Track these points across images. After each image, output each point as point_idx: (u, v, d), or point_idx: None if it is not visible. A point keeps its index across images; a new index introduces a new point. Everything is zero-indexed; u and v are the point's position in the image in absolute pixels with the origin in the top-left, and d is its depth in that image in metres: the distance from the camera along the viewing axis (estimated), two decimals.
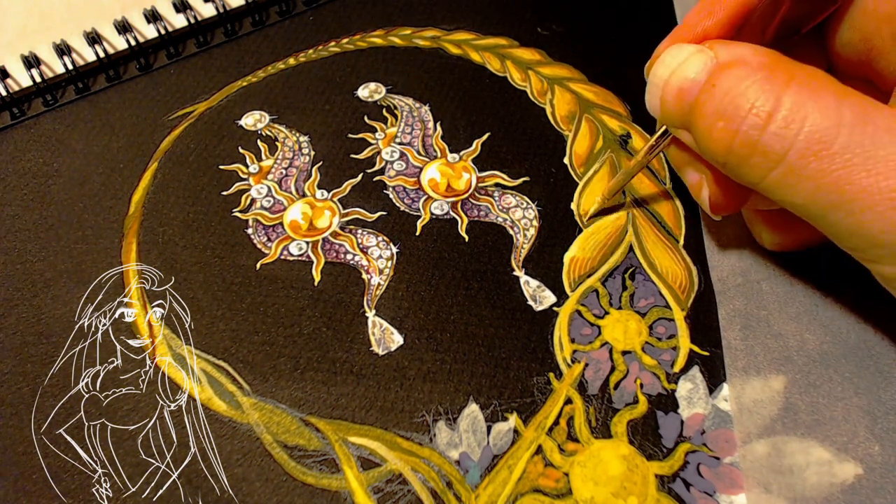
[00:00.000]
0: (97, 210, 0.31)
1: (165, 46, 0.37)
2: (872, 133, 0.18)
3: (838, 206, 0.18)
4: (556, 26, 0.37)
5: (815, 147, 0.18)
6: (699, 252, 0.27)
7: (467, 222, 0.29)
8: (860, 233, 0.18)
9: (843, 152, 0.18)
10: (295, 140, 0.33)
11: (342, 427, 0.24)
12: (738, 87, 0.19)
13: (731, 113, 0.19)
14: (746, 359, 0.24)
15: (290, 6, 0.39)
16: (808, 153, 0.18)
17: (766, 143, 0.19)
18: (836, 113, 0.18)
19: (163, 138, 0.33)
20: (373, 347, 0.26)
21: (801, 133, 0.18)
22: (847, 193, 0.18)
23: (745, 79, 0.19)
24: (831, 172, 0.18)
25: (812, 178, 0.18)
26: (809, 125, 0.18)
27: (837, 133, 0.18)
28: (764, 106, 0.19)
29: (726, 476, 0.22)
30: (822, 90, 0.18)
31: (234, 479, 0.23)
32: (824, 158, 0.18)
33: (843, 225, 0.19)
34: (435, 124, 0.33)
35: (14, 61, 0.36)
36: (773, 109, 0.19)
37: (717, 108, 0.20)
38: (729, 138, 0.20)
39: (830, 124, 0.18)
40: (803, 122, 0.18)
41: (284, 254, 0.28)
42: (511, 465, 0.22)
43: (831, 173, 0.18)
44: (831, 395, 0.23)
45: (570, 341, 0.25)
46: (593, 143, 0.31)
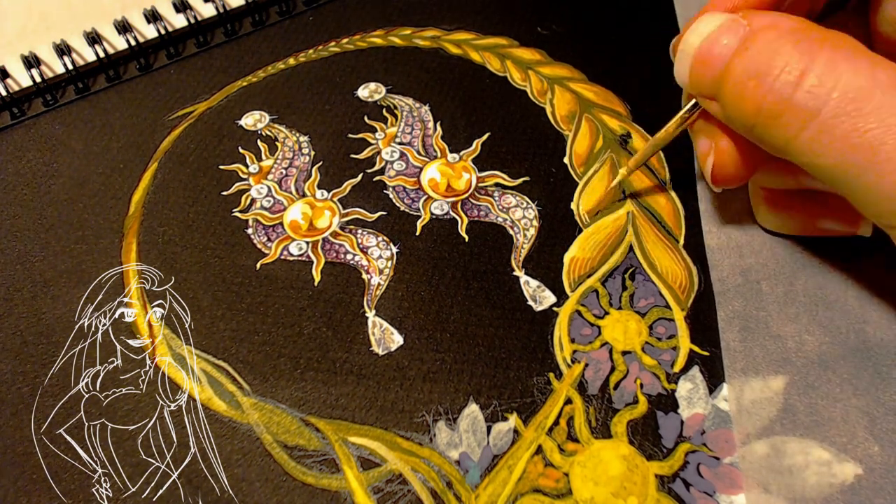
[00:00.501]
0: (97, 210, 0.31)
1: (165, 46, 0.37)
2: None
3: (869, 167, 0.18)
4: (556, 26, 0.37)
5: (849, 106, 0.18)
6: (699, 252, 0.27)
7: (467, 222, 0.29)
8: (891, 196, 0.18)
9: (878, 111, 0.18)
10: (295, 140, 0.33)
11: (342, 427, 0.24)
12: (770, 48, 0.19)
13: (763, 71, 0.19)
14: (745, 360, 0.24)
15: (290, 6, 0.39)
16: (841, 112, 0.18)
17: (800, 100, 0.19)
18: (870, 74, 0.18)
19: (163, 138, 0.33)
20: (373, 347, 0.26)
21: (836, 90, 0.18)
22: (880, 153, 0.18)
23: (778, 40, 0.19)
24: (866, 132, 0.18)
25: (845, 137, 0.18)
26: (844, 84, 0.18)
27: (872, 93, 0.18)
28: (798, 64, 0.19)
29: (726, 476, 0.22)
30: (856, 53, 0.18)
31: (234, 479, 0.23)
32: (858, 118, 0.18)
33: (874, 188, 0.18)
34: (435, 124, 0.33)
35: (14, 61, 0.36)
36: (806, 68, 0.19)
37: (748, 68, 0.20)
38: (760, 97, 0.20)
39: (865, 84, 0.18)
40: (837, 81, 0.18)
41: (284, 254, 0.29)
42: (511, 465, 0.22)
43: (865, 133, 0.18)
44: (830, 396, 0.23)
45: (570, 341, 0.25)
46: (593, 142, 0.31)
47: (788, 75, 0.19)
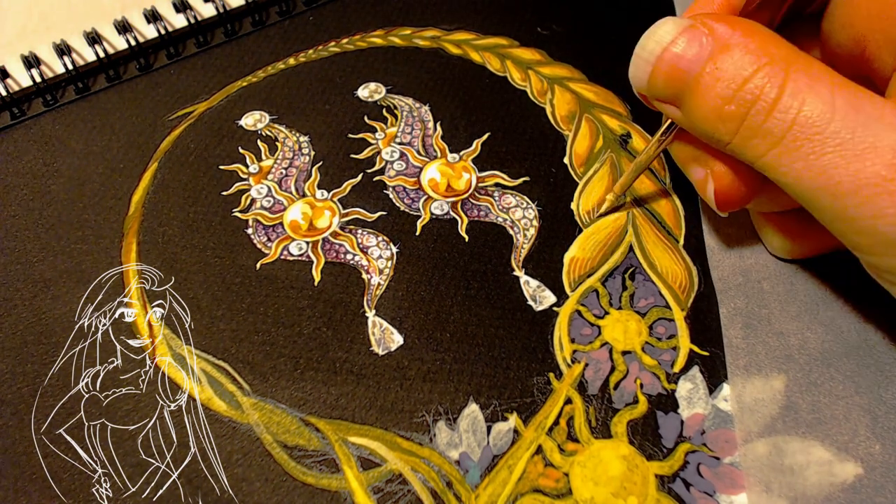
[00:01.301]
0: (97, 210, 0.31)
1: (165, 46, 0.37)
2: (864, 121, 0.18)
3: (826, 189, 0.19)
4: (556, 26, 0.37)
5: (808, 130, 0.19)
6: (699, 252, 0.27)
7: (467, 222, 0.29)
8: (844, 217, 0.19)
9: (834, 137, 0.19)
10: (295, 140, 0.33)
11: (342, 427, 0.24)
12: (744, 73, 0.20)
13: (740, 98, 0.20)
14: (748, 357, 0.24)
15: (290, 6, 0.39)
16: (801, 136, 0.19)
17: (769, 127, 0.20)
18: (829, 99, 0.19)
19: (163, 138, 0.33)
20: (373, 347, 0.26)
21: (799, 117, 0.19)
22: (834, 177, 0.19)
23: (752, 64, 0.20)
24: (822, 155, 0.19)
25: (803, 158, 0.19)
26: (807, 110, 0.19)
27: (831, 118, 0.19)
28: (770, 93, 0.19)
29: (726, 476, 0.22)
30: (818, 78, 0.19)
31: (234, 479, 0.23)
32: (816, 142, 0.19)
33: (830, 209, 0.19)
34: (435, 124, 0.33)
35: (14, 61, 0.36)
36: (777, 96, 0.19)
37: (724, 93, 0.20)
38: (738, 121, 0.20)
39: (824, 109, 0.19)
40: (801, 107, 0.19)
41: (284, 254, 0.28)
42: (511, 465, 0.22)
43: (822, 156, 0.19)
44: (832, 394, 0.23)
45: (570, 341, 0.25)
46: (593, 142, 0.31)
47: (763, 103, 0.20)
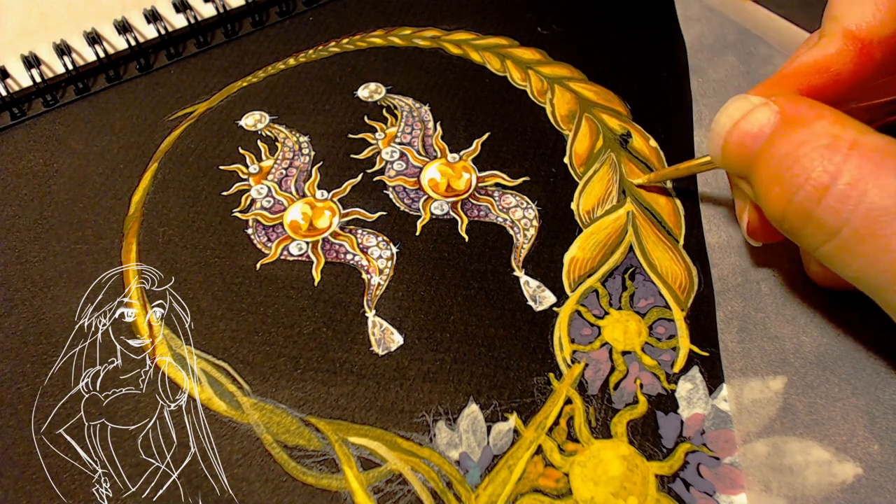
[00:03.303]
0: (97, 210, 0.31)
1: (165, 46, 0.37)
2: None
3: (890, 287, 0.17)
4: (556, 26, 0.37)
5: (871, 226, 0.17)
6: (699, 252, 0.27)
7: (467, 222, 0.29)
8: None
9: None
10: (295, 140, 0.33)
11: (342, 427, 0.24)
12: (795, 153, 0.18)
13: (786, 180, 0.19)
14: (743, 361, 0.24)
15: (290, 6, 0.39)
16: (863, 231, 0.17)
17: (821, 216, 0.18)
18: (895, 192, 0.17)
19: (163, 138, 0.33)
20: (373, 347, 0.26)
21: (859, 210, 0.17)
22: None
23: (805, 144, 0.18)
24: (888, 253, 0.17)
25: (866, 255, 0.17)
26: (868, 203, 0.17)
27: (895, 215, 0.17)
28: (821, 178, 0.18)
29: (726, 476, 0.22)
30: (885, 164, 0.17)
31: (234, 479, 0.23)
32: (881, 238, 0.17)
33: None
34: (435, 124, 0.33)
35: (14, 61, 0.36)
36: (829, 182, 0.18)
37: (774, 173, 0.19)
38: (783, 205, 0.19)
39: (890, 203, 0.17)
40: (861, 199, 0.17)
41: (284, 254, 0.29)
42: (511, 465, 0.22)
43: (888, 254, 0.17)
44: (829, 396, 0.23)
45: (570, 341, 0.25)
46: (593, 142, 0.31)
47: (812, 189, 0.18)
